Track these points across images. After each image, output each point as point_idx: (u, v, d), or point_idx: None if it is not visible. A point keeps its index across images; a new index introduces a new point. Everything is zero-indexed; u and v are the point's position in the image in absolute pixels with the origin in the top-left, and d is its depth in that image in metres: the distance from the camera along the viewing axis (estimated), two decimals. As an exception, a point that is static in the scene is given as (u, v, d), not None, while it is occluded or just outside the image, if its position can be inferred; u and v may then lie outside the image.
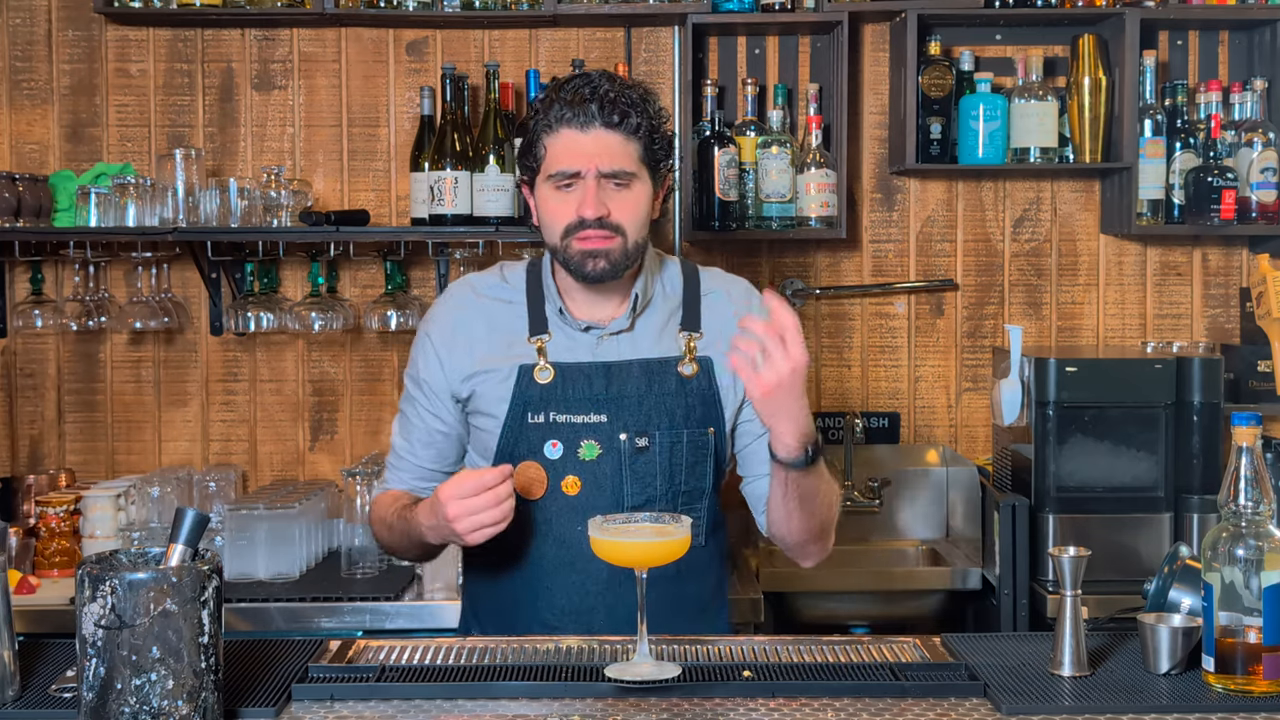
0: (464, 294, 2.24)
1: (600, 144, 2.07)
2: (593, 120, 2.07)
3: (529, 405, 2.13)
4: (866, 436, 3.60)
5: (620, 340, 2.17)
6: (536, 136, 2.12)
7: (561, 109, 2.08)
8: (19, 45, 3.63)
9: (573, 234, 2.08)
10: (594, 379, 2.14)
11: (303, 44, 3.64)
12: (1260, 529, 1.73)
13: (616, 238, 2.08)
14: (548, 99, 2.11)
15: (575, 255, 2.09)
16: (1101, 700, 1.73)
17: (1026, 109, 3.46)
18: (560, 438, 2.12)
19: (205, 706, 1.59)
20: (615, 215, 2.08)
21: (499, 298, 2.21)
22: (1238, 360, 3.44)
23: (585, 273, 2.10)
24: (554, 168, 2.09)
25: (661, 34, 3.65)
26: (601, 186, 2.07)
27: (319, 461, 3.68)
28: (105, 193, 3.34)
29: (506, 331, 2.18)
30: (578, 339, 2.17)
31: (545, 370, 2.13)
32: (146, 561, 1.68)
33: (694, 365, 2.17)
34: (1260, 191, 3.45)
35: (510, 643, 2.02)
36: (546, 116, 2.10)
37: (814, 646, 2.00)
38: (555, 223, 2.10)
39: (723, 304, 2.22)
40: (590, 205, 2.06)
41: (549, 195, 2.11)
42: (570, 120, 2.07)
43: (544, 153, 2.11)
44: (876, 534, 3.58)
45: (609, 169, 2.07)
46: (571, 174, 2.08)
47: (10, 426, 3.65)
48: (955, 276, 3.71)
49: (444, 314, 2.23)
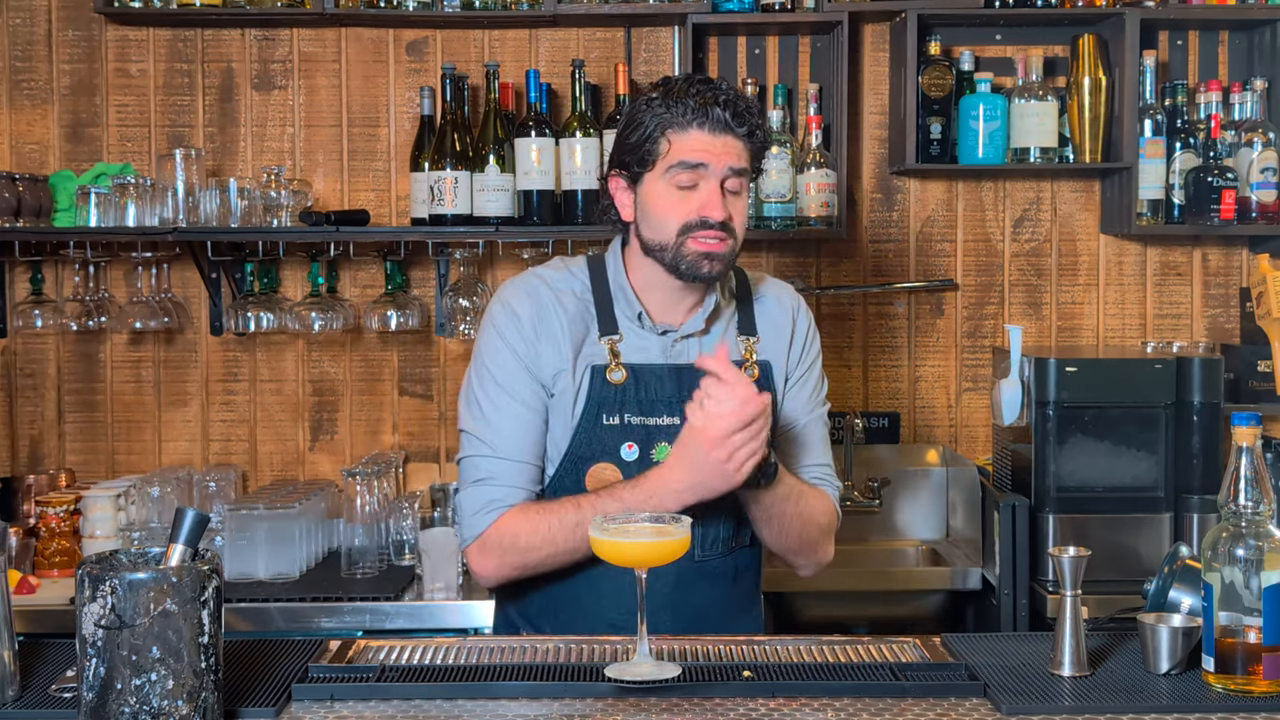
0: (539, 286, 2.18)
1: (728, 147, 2.08)
2: (723, 126, 2.08)
3: (603, 406, 2.12)
4: (866, 436, 3.60)
5: (690, 343, 2.18)
6: (657, 131, 2.09)
7: (693, 112, 2.07)
8: (19, 45, 3.63)
9: (690, 233, 2.08)
10: (666, 381, 2.14)
11: (303, 44, 3.64)
12: (1260, 529, 1.73)
13: (729, 240, 2.10)
14: (676, 93, 2.08)
15: (690, 255, 2.08)
16: (1101, 700, 1.73)
17: (1026, 109, 3.46)
18: (636, 439, 2.12)
19: (205, 706, 1.59)
20: (734, 219, 2.10)
21: (571, 291, 2.18)
22: (1238, 360, 3.44)
23: (698, 273, 2.09)
24: (679, 158, 2.07)
25: (661, 34, 3.65)
26: (722, 192, 2.09)
27: (319, 461, 3.68)
28: (105, 193, 3.34)
29: (580, 328, 2.16)
30: (650, 341, 2.17)
31: (618, 371, 2.12)
32: (146, 561, 1.68)
33: (755, 369, 2.19)
34: (1260, 191, 3.45)
35: (511, 643, 2.03)
36: (674, 109, 2.08)
37: (814, 646, 2.00)
38: (670, 220, 2.09)
39: (774, 309, 2.25)
40: (718, 207, 2.07)
41: (663, 191, 2.10)
42: (701, 123, 2.07)
43: (666, 146, 2.09)
44: (876, 534, 3.58)
45: (737, 166, 2.09)
46: (698, 165, 2.07)
47: (10, 426, 3.65)
48: (955, 276, 3.71)
49: (524, 305, 2.15)
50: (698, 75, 2.17)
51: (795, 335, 2.26)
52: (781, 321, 2.25)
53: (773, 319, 2.25)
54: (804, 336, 2.28)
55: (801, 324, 2.28)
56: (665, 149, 2.08)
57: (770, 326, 2.24)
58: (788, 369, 2.25)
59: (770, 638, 2.08)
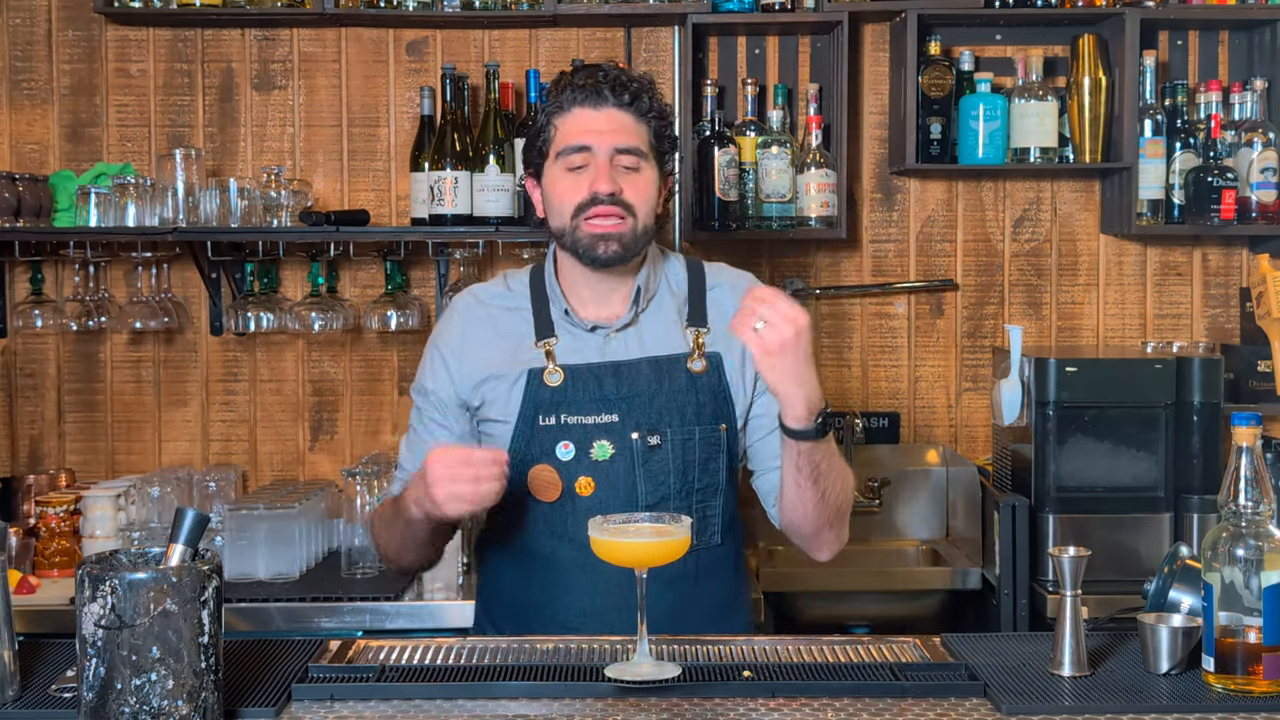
0: (468, 304, 2.24)
1: (614, 121, 2.10)
2: (605, 100, 2.10)
3: (540, 408, 2.12)
4: (866, 436, 3.60)
5: (627, 337, 2.17)
6: (546, 120, 2.14)
7: (574, 92, 2.11)
8: (19, 45, 3.63)
9: (583, 213, 2.08)
10: (604, 379, 2.13)
11: (303, 44, 3.64)
12: (1260, 529, 1.73)
13: (628, 219, 2.09)
14: (558, 85, 2.16)
15: (585, 238, 2.09)
16: (1101, 700, 1.73)
17: (1026, 109, 3.46)
18: (572, 439, 2.11)
19: (205, 706, 1.59)
20: (627, 194, 2.09)
21: (504, 305, 2.21)
22: (1238, 360, 3.44)
23: (595, 255, 2.09)
24: (565, 143, 2.10)
25: (661, 34, 3.65)
26: (614, 166, 2.09)
27: (319, 461, 3.68)
28: (105, 193, 3.34)
29: (514, 337, 2.17)
30: (585, 339, 2.16)
31: (555, 373, 2.12)
32: (146, 561, 1.68)
33: (703, 361, 2.16)
34: (1260, 191, 3.45)
35: (511, 642, 2.03)
36: (557, 99, 2.13)
37: (814, 646, 2.00)
38: (565, 203, 2.10)
39: (728, 298, 2.20)
40: (604, 180, 2.07)
41: (558, 177, 2.12)
42: (584, 101, 2.10)
43: (554, 132, 2.12)
44: (876, 534, 3.58)
45: (623, 144, 2.09)
46: (583, 148, 2.08)
47: (10, 426, 3.65)
48: (955, 276, 3.71)
49: (451, 325, 2.23)
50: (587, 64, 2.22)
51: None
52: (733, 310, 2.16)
53: (725, 310, 2.18)
54: None
55: None
56: (554, 134, 2.12)
57: (721, 315, 2.18)
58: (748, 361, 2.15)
59: (770, 638, 2.08)
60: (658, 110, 2.14)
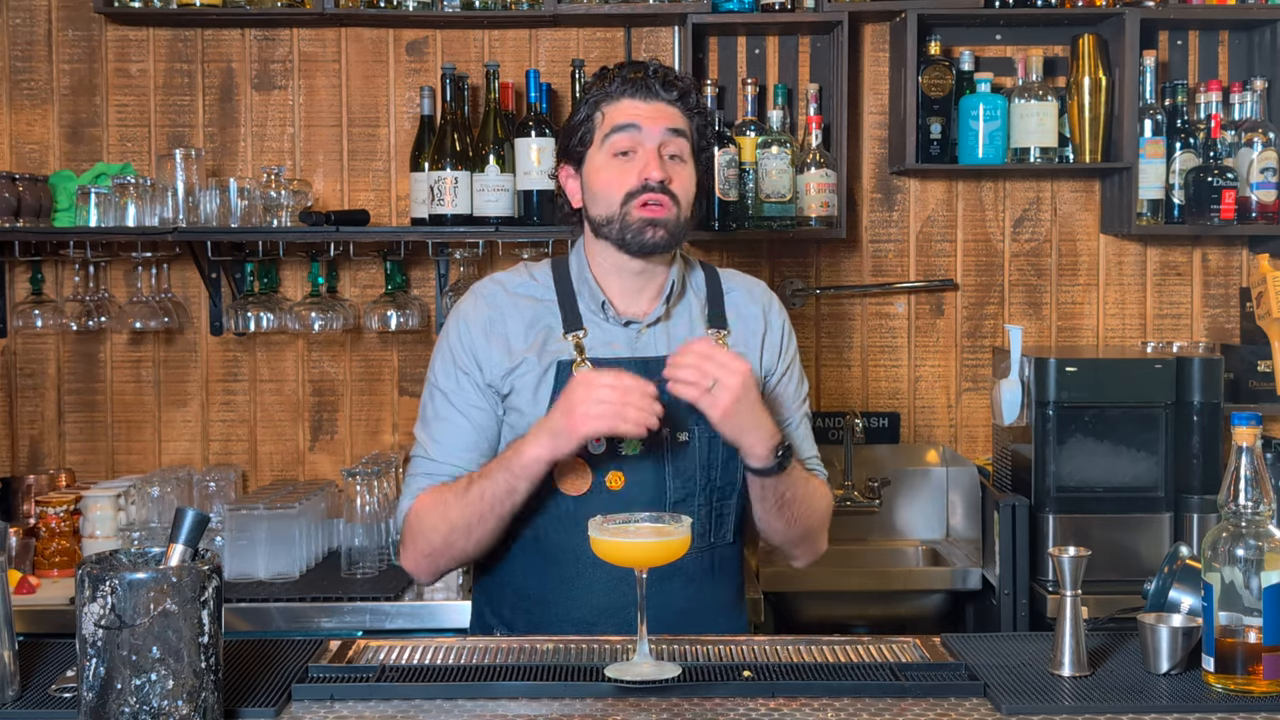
0: (494, 291, 2.21)
1: (660, 111, 2.13)
2: (655, 94, 2.12)
3: None
4: (866, 436, 3.60)
5: (656, 334, 2.18)
6: (593, 108, 2.15)
7: (623, 83, 2.13)
8: (19, 45, 3.63)
9: (633, 199, 2.10)
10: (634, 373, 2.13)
11: (303, 44, 3.64)
12: (1260, 529, 1.73)
13: (674, 207, 2.11)
14: (603, 78, 2.16)
15: (635, 222, 2.10)
16: (1101, 700, 1.73)
17: (1026, 109, 3.46)
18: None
19: (205, 706, 1.59)
20: (674, 184, 2.11)
21: (530, 295, 2.20)
22: (1238, 360, 3.44)
23: (644, 240, 2.10)
24: (613, 124, 2.11)
25: (661, 34, 3.65)
26: (661, 156, 2.11)
27: (319, 461, 3.68)
28: (105, 193, 3.34)
29: (541, 328, 2.16)
30: (615, 334, 2.17)
31: (584, 366, 2.11)
32: (146, 561, 1.68)
33: None
34: (1260, 191, 3.45)
35: (511, 642, 2.02)
36: (604, 88, 2.14)
37: (814, 646, 2.00)
38: (613, 190, 2.11)
39: (744, 302, 2.25)
40: (655, 166, 2.09)
41: (604, 164, 2.13)
42: (633, 92, 2.12)
43: (601, 118, 2.14)
44: (876, 534, 3.58)
45: (673, 126, 2.12)
46: (633, 126, 2.10)
47: (10, 426, 3.65)
48: (955, 276, 3.71)
49: (478, 310, 2.19)
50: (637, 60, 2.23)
51: (769, 332, 2.25)
52: (752, 315, 2.24)
53: (743, 312, 2.24)
54: (779, 334, 2.27)
55: (775, 321, 2.27)
56: (600, 120, 2.14)
57: (740, 320, 2.23)
58: (763, 365, 2.23)
59: (770, 638, 2.08)
60: (701, 109, 2.18)
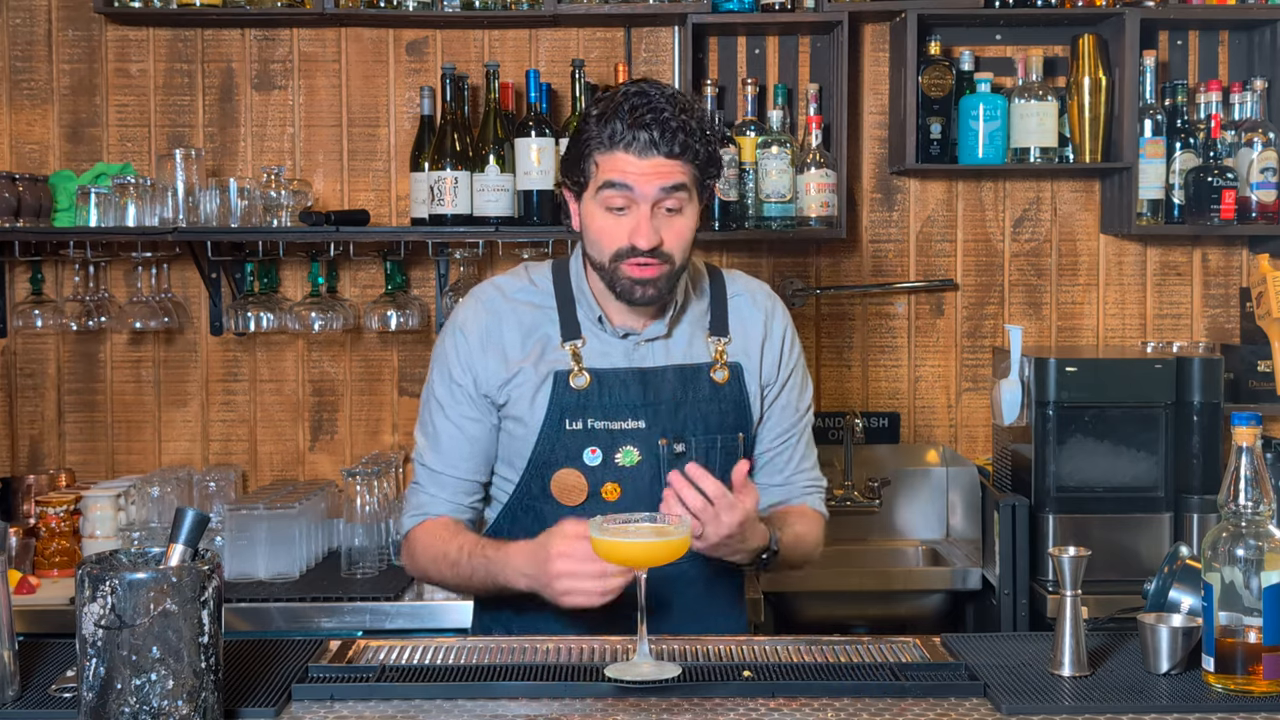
0: (493, 296, 2.19)
1: (658, 169, 2.02)
2: (651, 149, 2.01)
3: (566, 411, 2.11)
4: (866, 436, 3.60)
5: (654, 346, 2.17)
6: (588, 150, 2.05)
7: (622, 130, 2.01)
8: (19, 45, 3.63)
9: (623, 259, 2.05)
10: (630, 385, 2.13)
11: (303, 44, 3.64)
12: (1260, 529, 1.73)
13: (665, 265, 2.06)
14: (606, 113, 2.03)
15: (624, 280, 2.07)
16: (1101, 700, 1.73)
17: (1026, 109, 3.46)
18: (599, 444, 2.11)
19: (205, 706, 1.59)
20: (667, 244, 2.05)
21: (529, 301, 2.18)
22: (1238, 360, 3.44)
23: (633, 297, 2.08)
24: (607, 177, 2.03)
25: (661, 34, 3.65)
26: (655, 213, 2.04)
27: (319, 461, 3.68)
28: (105, 193, 3.34)
29: (539, 336, 2.15)
30: (613, 344, 2.16)
31: (581, 376, 2.11)
32: (146, 561, 1.68)
33: (725, 371, 2.18)
34: (1260, 191, 3.45)
35: (511, 642, 2.03)
36: (602, 132, 2.03)
37: (814, 646, 2.00)
38: (604, 244, 2.07)
39: (748, 308, 2.23)
40: (645, 235, 2.03)
41: (597, 213, 2.07)
42: (630, 145, 2.01)
43: (595, 169, 2.05)
44: (876, 534, 3.58)
45: (667, 184, 2.02)
46: (625, 187, 2.02)
47: (10, 426, 3.65)
48: (955, 276, 3.71)
49: (475, 318, 2.17)
50: (636, 88, 2.05)
51: (770, 338, 2.23)
52: (754, 320, 2.23)
53: (744, 318, 2.22)
54: (782, 341, 2.25)
55: (777, 328, 2.25)
56: (594, 170, 2.06)
57: (741, 325, 2.21)
58: (764, 373, 2.22)
59: (770, 638, 2.08)
60: (705, 152, 2.06)
